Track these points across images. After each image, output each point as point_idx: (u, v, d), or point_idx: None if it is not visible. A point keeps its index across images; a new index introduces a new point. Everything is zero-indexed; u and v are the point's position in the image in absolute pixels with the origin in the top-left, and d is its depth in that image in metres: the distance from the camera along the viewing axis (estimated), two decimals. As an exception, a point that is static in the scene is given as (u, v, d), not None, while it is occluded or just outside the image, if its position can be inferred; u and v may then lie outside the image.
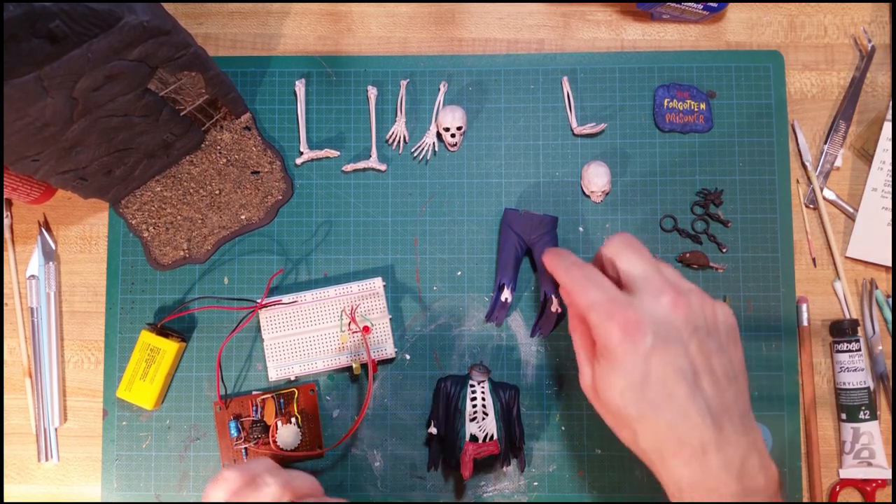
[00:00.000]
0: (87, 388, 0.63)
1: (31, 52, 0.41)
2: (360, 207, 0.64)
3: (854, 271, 0.63)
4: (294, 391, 0.60)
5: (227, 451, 0.60)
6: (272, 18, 0.66)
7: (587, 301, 0.42)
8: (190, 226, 0.63)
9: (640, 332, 0.40)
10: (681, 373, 0.39)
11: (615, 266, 0.44)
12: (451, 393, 0.58)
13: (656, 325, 0.40)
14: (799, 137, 0.64)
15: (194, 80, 0.55)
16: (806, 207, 0.63)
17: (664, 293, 0.41)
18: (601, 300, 0.41)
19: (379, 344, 0.60)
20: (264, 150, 0.64)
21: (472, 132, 0.64)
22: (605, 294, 0.42)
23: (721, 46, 0.65)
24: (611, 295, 0.42)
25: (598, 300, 0.42)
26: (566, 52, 0.65)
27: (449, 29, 0.66)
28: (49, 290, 0.63)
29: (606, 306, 0.41)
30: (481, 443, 0.56)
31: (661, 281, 0.42)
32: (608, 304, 0.41)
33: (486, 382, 0.58)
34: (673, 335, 0.40)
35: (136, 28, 0.44)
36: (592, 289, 0.42)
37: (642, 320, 0.40)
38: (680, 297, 0.41)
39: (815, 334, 0.62)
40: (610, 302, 0.41)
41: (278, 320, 0.60)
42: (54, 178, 0.54)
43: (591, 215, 0.63)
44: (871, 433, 0.59)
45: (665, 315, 0.41)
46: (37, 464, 0.63)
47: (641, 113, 0.64)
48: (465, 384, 0.58)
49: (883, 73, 0.65)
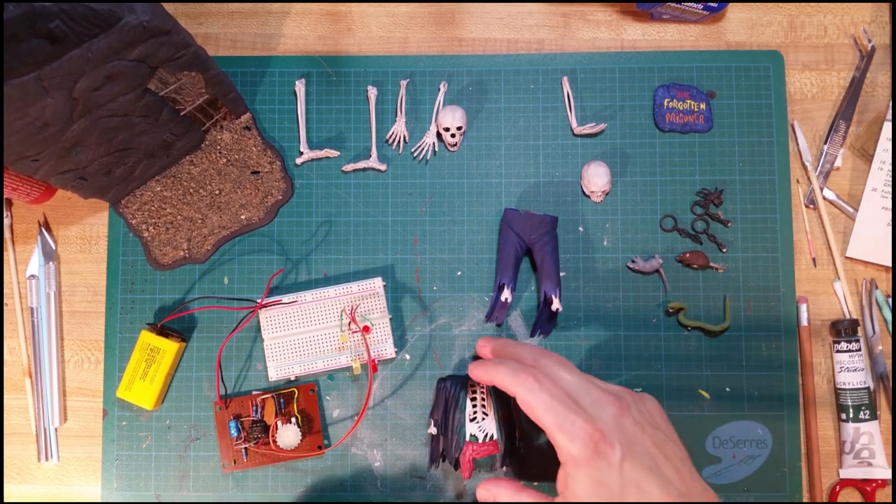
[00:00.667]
0: (87, 388, 0.63)
1: (31, 52, 0.41)
2: (360, 207, 0.64)
3: (854, 271, 0.63)
4: (294, 391, 0.60)
5: (227, 451, 0.60)
6: (272, 18, 0.66)
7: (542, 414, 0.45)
8: (190, 226, 0.63)
9: (609, 445, 0.43)
10: (649, 470, 0.43)
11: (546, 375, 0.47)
12: (451, 393, 0.57)
13: (617, 433, 0.43)
14: (799, 137, 0.64)
15: (194, 80, 0.55)
16: (806, 207, 0.63)
17: (608, 402, 0.45)
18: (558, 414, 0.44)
19: (379, 344, 0.60)
20: (264, 150, 0.64)
21: (472, 132, 0.64)
22: (562, 407, 0.44)
23: (721, 46, 0.65)
24: (566, 407, 0.44)
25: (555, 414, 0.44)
26: (566, 52, 0.65)
27: (449, 29, 0.66)
28: (49, 290, 0.63)
29: (567, 422, 0.44)
30: (481, 443, 0.56)
31: (598, 391, 0.46)
32: (568, 420, 0.44)
33: None
34: (632, 439, 0.44)
35: (136, 28, 0.44)
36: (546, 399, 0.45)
37: (604, 432, 0.43)
38: (621, 401, 0.45)
39: (815, 334, 0.62)
40: (571, 417, 0.44)
41: (278, 320, 0.60)
42: (54, 178, 0.54)
43: (591, 215, 0.63)
44: (871, 433, 0.59)
45: (617, 422, 0.44)
46: (37, 464, 0.63)
47: (641, 113, 0.64)
48: (464, 385, 0.58)
49: (883, 73, 0.65)
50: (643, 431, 0.45)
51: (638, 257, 0.62)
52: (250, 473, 0.61)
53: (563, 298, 0.62)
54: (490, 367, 0.49)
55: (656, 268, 0.62)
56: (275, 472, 0.61)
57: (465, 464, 0.55)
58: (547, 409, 0.44)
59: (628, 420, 0.45)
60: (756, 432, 0.60)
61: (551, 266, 0.60)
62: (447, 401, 0.57)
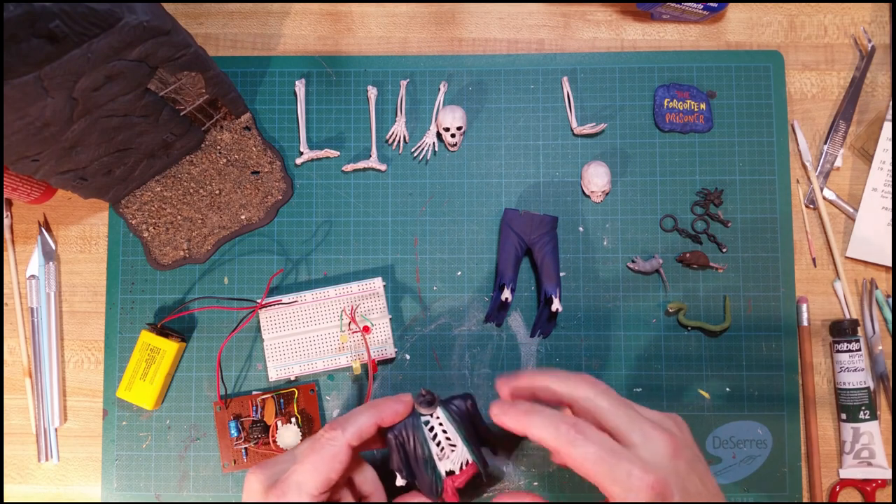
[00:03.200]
0: (87, 388, 0.63)
1: (31, 52, 0.41)
2: (360, 207, 0.64)
3: (854, 271, 0.63)
4: (294, 391, 0.60)
5: (227, 451, 0.60)
6: (272, 18, 0.66)
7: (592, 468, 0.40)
8: (190, 226, 0.63)
9: (669, 493, 0.39)
10: None
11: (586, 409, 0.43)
12: (407, 442, 0.49)
13: (674, 478, 0.40)
14: (799, 137, 0.64)
15: (194, 80, 0.55)
16: (806, 207, 0.63)
17: (660, 440, 0.41)
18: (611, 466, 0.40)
19: (379, 344, 0.60)
20: (264, 150, 0.64)
21: (472, 132, 0.64)
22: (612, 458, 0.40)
23: (721, 46, 0.65)
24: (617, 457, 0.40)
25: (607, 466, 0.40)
26: (566, 52, 0.65)
27: (449, 29, 0.66)
28: (49, 290, 0.63)
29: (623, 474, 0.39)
30: (459, 472, 0.50)
31: (646, 425, 0.42)
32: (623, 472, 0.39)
33: (438, 410, 0.50)
34: (686, 482, 0.40)
35: (136, 28, 0.44)
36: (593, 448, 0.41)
37: (665, 481, 0.39)
38: (674, 440, 0.41)
39: (815, 334, 0.62)
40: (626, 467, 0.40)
41: (278, 320, 0.60)
42: (54, 178, 0.54)
43: (591, 215, 0.63)
44: (871, 433, 0.59)
45: (674, 466, 0.40)
46: (37, 464, 0.63)
47: (641, 113, 0.64)
48: (417, 426, 0.49)
49: (883, 73, 0.65)
50: (693, 470, 0.41)
51: (638, 257, 0.62)
52: (250, 473, 0.61)
53: (563, 298, 0.62)
54: (522, 418, 0.44)
55: (656, 268, 0.62)
56: (275, 472, 0.61)
57: (450, 498, 0.49)
58: (597, 462, 0.40)
59: (682, 461, 0.41)
60: (756, 432, 0.60)
61: (551, 266, 0.60)
62: (403, 446, 0.49)
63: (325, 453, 0.45)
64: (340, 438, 0.45)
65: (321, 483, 0.44)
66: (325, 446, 0.45)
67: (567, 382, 0.44)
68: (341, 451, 0.45)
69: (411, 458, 0.49)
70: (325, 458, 0.44)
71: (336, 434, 0.46)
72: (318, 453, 0.45)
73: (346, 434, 0.46)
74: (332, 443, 0.45)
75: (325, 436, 0.46)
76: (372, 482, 0.50)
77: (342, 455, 0.45)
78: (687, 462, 0.41)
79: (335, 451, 0.45)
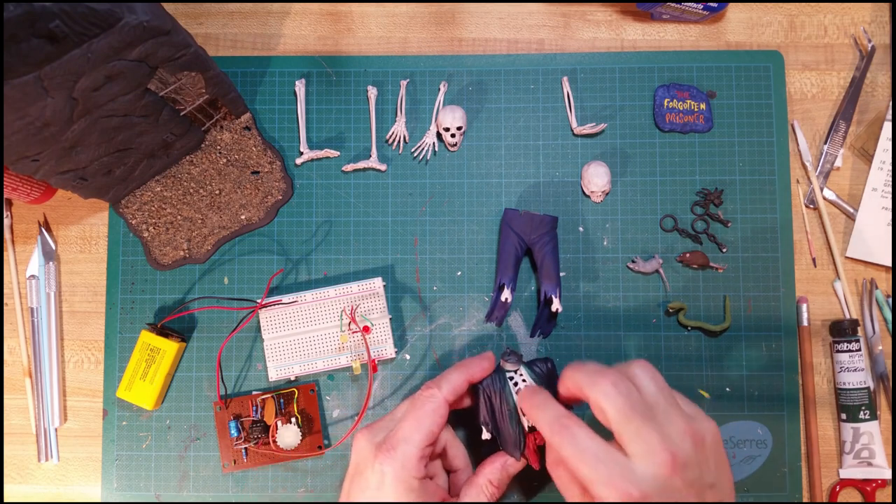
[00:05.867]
0: (87, 388, 0.63)
1: (31, 52, 0.41)
2: (360, 207, 0.64)
3: (854, 271, 0.63)
4: (294, 391, 0.60)
5: (227, 451, 0.60)
6: (272, 18, 0.66)
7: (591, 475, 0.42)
8: (190, 226, 0.63)
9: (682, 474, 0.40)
10: None
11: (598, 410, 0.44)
12: (493, 394, 0.52)
13: (664, 494, 0.40)
14: (799, 137, 0.64)
15: (194, 80, 0.55)
16: (806, 207, 0.63)
17: (661, 459, 0.41)
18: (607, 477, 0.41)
19: (379, 344, 0.60)
20: (264, 150, 0.64)
21: (472, 132, 0.64)
22: (610, 470, 0.41)
23: (721, 46, 0.65)
24: (615, 470, 0.41)
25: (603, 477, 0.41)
26: (566, 52, 0.65)
27: (449, 29, 0.66)
28: (49, 290, 0.63)
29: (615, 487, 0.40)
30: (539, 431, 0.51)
31: (658, 443, 0.41)
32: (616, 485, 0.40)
33: (522, 368, 0.53)
34: (679, 496, 0.41)
35: (136, 28, 0.44)
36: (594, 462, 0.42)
37: (651, 496, 0.40)
38: (675, 460, 0.41)
39: (815, 334, 0.62)
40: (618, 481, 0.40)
41: (278, 320, 0.60)
42: (54, 178, 0.54)
43: (591, 215, 0.63)
44: (871, 433, 0.59)
45: (666, 481, 0.41)
46: (37, 464, 0.63)
47: (641, 113, 0.64)
48: (503, 381, 0.53)
49: (883, 73, 0.65)
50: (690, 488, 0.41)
51: (638, 257, 0.62)
52: (250, 473, 0.61)
53: (563, 298, 0.62)
54: (566, 373, 0.47)
55: (656, 268, 0.62)
56: (275, 473, 0.61)
57: (531, 455, 0.52)
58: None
59: (678, 479, 0.41)
60: (756, 432, 0.60)
61: (551, 266, 0.60)
62: (492, 404, 0.53)
63: (426, 409, 0.49)
64: (438, 395, 0.49)
65: (426, 436, 0.48)
66: (425, 403, 0.49)
67: (589, 378, 0.45)
68: (440, 405, 0.49)
69: (497, 412, 0.52)
70: (427, 413, 0.49)
71: (433, 392, 0.50)
72: (420, 409, 0.49)
73: (442, 391, 0.50)
74: (432, 399, 0.49)
75: (423, 394, 0.50)
76: (463, 458, 0.54)
77: (441, 409, 0.49)
78: (686, 482, 0.41)
79: (435, 406, 0.49)
